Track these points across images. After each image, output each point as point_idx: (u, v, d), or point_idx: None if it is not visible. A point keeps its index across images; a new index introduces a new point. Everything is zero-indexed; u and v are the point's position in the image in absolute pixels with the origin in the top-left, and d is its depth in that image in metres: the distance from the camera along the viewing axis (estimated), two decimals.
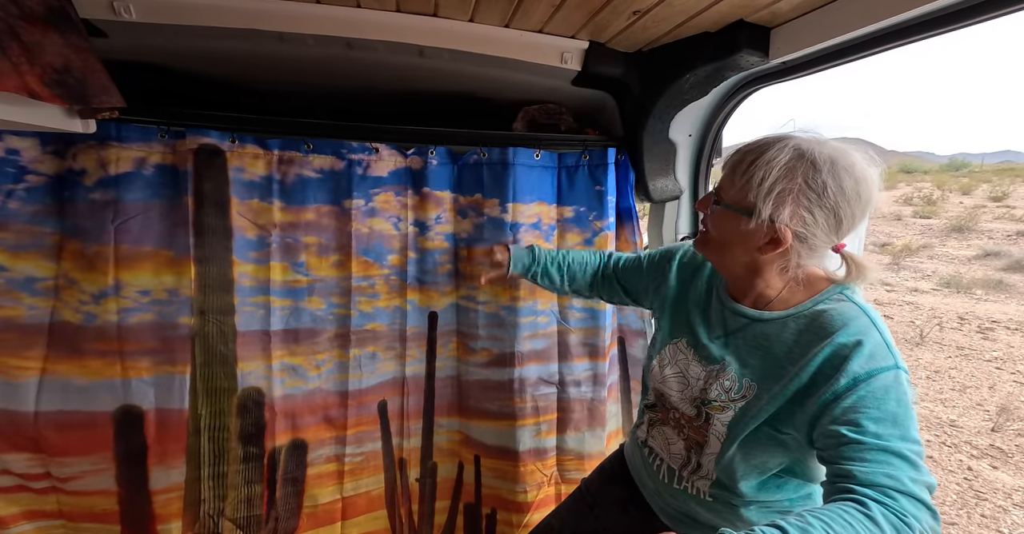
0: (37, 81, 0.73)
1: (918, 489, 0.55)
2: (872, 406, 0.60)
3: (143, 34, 1.02)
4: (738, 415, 0.73)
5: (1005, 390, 4.34)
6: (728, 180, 0.73)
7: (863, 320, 0.66)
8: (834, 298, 0.71)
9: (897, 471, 0.55)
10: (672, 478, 0.87)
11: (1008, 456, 3.37)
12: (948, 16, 0.78)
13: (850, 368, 0.62)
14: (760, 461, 0.74)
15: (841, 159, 0.66)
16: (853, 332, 0.65)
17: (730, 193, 0.72)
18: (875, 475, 0.55)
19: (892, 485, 0.54)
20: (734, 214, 0.71)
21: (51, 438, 1.07)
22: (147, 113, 1.08)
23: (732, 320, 0.80)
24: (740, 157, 0.72)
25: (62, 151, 1.05)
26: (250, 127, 1.17)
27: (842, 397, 0.61)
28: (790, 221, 0.67)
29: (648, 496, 0.96)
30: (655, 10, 0.99)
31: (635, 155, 1.40)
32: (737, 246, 0.73)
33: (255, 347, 1.21)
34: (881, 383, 0.61)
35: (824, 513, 0.52)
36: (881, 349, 0.64)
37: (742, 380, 0.75)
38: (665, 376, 0.88)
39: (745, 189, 0.69)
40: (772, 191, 0.66)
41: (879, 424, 0.59)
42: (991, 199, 12.60)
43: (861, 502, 0.53)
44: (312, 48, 1.10)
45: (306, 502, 1.30)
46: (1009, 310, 6.20)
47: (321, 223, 1.26)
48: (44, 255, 1.06)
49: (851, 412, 0.60)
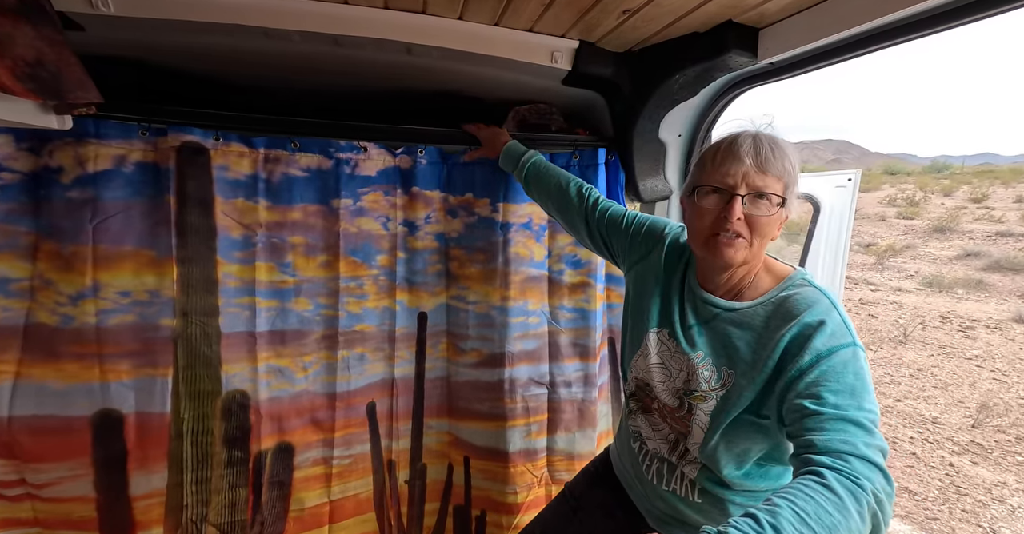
0: (8, 74, 0.70)
1: (871, 452, 0.58)
2: (832, 379, 0.64)
3: (122, 28, 0.99)
4: (719, 404, 0.76)
5: (985, 387, 4.44)
6: (766, 175, 0.72)
7: (825, 302, 0.71)
8: (797, 284, 0.76)
9: (852, 437, 0.59)
10: (661, 478, 0.87)
11: (988, 452, 3.45)
12: (933, 18, 0.79)
13: (813, 345, 0.67)
14: (742, 449, 0.76)
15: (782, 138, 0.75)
16: (816, 313, 0.70)
17: (777, 189, 0.73)
18: (832, 442, 0.59)
19: (847, 449, 0.58)
20: (777, 207, 0.74)
21: (25, 444, 1.04)
22: (127, 109, 1.05)
23: (704, 310, 0.82)
24: (765, 152, 0.72)
25: (37, 148, 1.02)
26: (235, 125, 1.15)
27: (806, 372, 0.66)
28: (792, 201, 0.75)
29: (635, 499, 0.96)
30: (644, 9, 0.99)
31: (625, 155, 1.40)
32: (766, 236, 0.76)
33: (240, 349, 1.19)
34: (840, 358, 0.66)
35: (787, 491, 0.55)
36: (840, 328, 0.68)
37: (720, 369, 0.77)
38: (649, 365, 0.87)
39: (783, 181, 0.73)
40: (797, 180, 0.74)
41: (838, 396, 0.63)
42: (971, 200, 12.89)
43: (818, 473, 0.56)
44: (298, 44, 1.08)
45: (293, 506, 1.28)
46: (989, 309, 6.35)
47: (308, 223, 1.24)
48: (19, 255, 1.02)
49: (813, 386, 0.64)
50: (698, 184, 0.77)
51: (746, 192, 0.72)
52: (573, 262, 1.44)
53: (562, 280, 1.44)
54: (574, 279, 1.45)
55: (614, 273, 1.51)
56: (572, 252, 1.44)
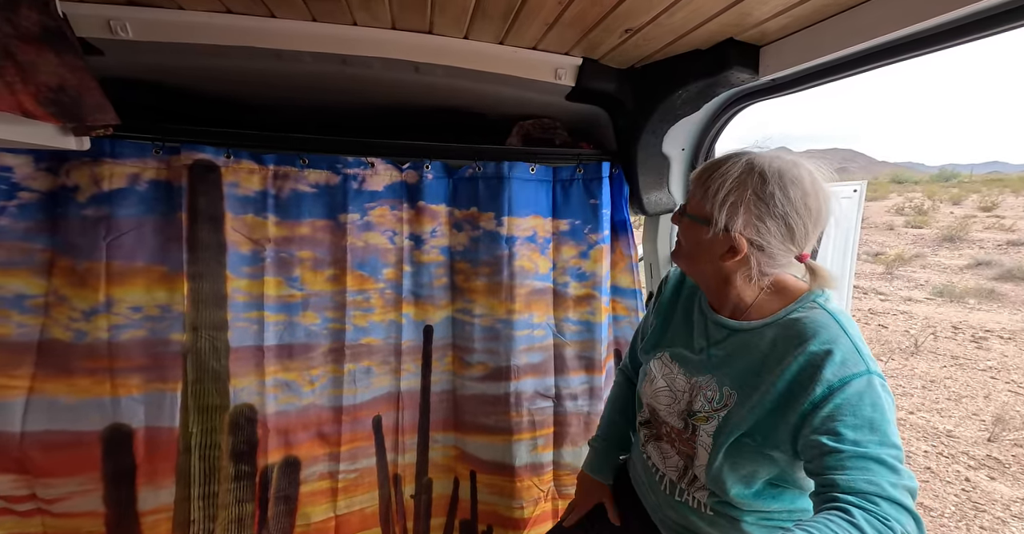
0: (31, 100, 0.73)
1: (899, 494, 0.56)
2: (848, 413, 0.61)
3: (139, 52, 1.02)
4: (721, 424, 0.75)
5: (1000, 400, 4.35)
6: (691, 192, 0.79)
7: (834, 328, 0.68)
8: (807, 306, 0.73)
9: (877, 477, 0.57)
10: (674, 490, 0.87)
11: (1005, 467, 3.36)
12: (932, 37, 0.80)
13: (824, 376, 0.64)
14: (749, 471, 0.74)
15: (789, 171, 0.70)
16: (824, 340, 0.67)
17: (693, 204, 0.77)
18: (856, 482, 0.56)
19: (874, 491, 0.55)
20: (697, 224, 0.76)
21: (37, 459, 1.05)
22: (142, 129, 1.09)
23: (714, 331, 0.82)
24: (701, 170, 0.77)
25: (55, 168, 1.05)
26: (245, 142, 1.18)
27: (819, 406, 0.63)
28: (744, 229, 0.71)
29: (650, 509, 0.95)
30: (646, 29, 1.00)
31: (629, 169, 1.41)
32: (703, 255, 0.77)
33: (248, 363, 1.20)
34: (855, 389, 0.62)
35: (810, 524, 0.53)
36: (852, 356, 0.65)
37: (723, 389, 0.76)
38: (655, 390, 0.88)
39: (704, 200, 0.74)
40: (726, 202, 0.71)
41: (857, 431, 0.60)
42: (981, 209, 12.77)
43: (845, 510, 0.54)
44: (308, 65, 1.11)
45: (299, 521, 1.28)
46: (1002, 319, 6.25)
47: (316, 237, 1.26)
48: (35, 272, 1.05)
49: (829, 421, 0.61)
50: None
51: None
52: (578, 274, 1.45)
53: (567, 292, 1.44)
54: (579, 291, 1.45)
55: (619, 285, 1.52)
56: (576, 265, 1.45)
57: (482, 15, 0.99)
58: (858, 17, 0.85)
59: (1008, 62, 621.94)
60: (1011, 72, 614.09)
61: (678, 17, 0.94)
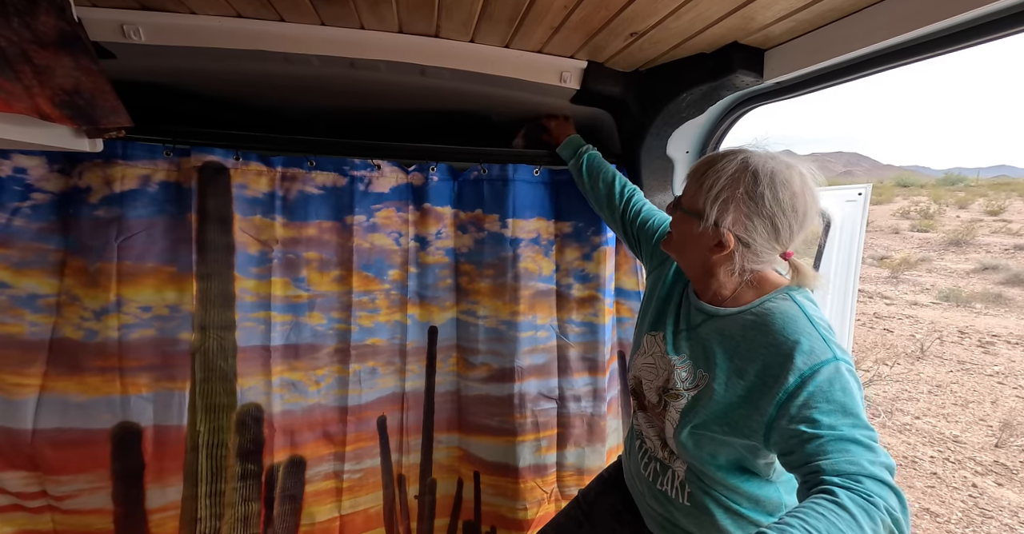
0: (48, 103, 0.75)
1: (879, 471, 0.59)
2: (821, 400, 0.64)
3: (151, 55, 1.04)
4: (690, 403, 0.79)
5: (1008, 405, 4.32)
6: (687, 186, 0.81)
7: (801, 320, 0.71)
8: (779, 298, 0.76)
9: (856, 457, 0.60)
10: (656, 474, 0.90)
11: (1013, 473, 3.33)
12: (936, 41, 0.80)
13: (795, 366, 0.67)
14: (709, 452, 0.78)
15: (781, 173, 0.72)
16: (792, 331, 0.70)
17: (686, 198, 0.80)
18: (839, 464, 0.59)
19: (855, 470, 0.58)
20: (689, 217, 0.79)
21: (48, 456, 1.06)
22: (153, 131, 1.10)
23: (695, 315, 0.86)
24: (697, 166, 0.80)
25: (68, 169, 1.07)
26: (254, 145, 1.19)
27: (793, 395, 0.66)
28: (732, 226, 0.74)
29: (637, 500, 0.99)
30: (651, 32, 1.01)
31: (633, 171, 1.42)
32: (691, 247, 0.80)
33: (255, 363, 1.21)
34: (825, 376, 0.66)
35: (799, 510, 0.55)
36: (819, 344, 0.68)
37: (696, 371, 0.81)
38: (643, 364, 0.93)
39: (697, 195, 0.77)
40: (718, 198, 0.74)
41: (831, 416, 0.63)
42: (987, 213, 12.68)
43: (829, 491, 0.57)
44: (317, 68, 1.12)
45: (304, 520, 1.28)
46: (1009, 324, 6.20)
47: (323, 239, 1.27)
48: (47, 272, 1.07)
49: (804, 409, 0.64)
50: None
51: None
52: (581, 276, 1.45)
53: (571, 294, 1.45)
54: (582, 293, 1.46)
55: (623, 287, 1.52)
56: (580, 267, 1.45)
57: (488, 19, 1.00)
58: (862, 21, 0.86)
59: (1015, 66, 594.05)
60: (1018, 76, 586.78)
61: (683, 21, 0.95)
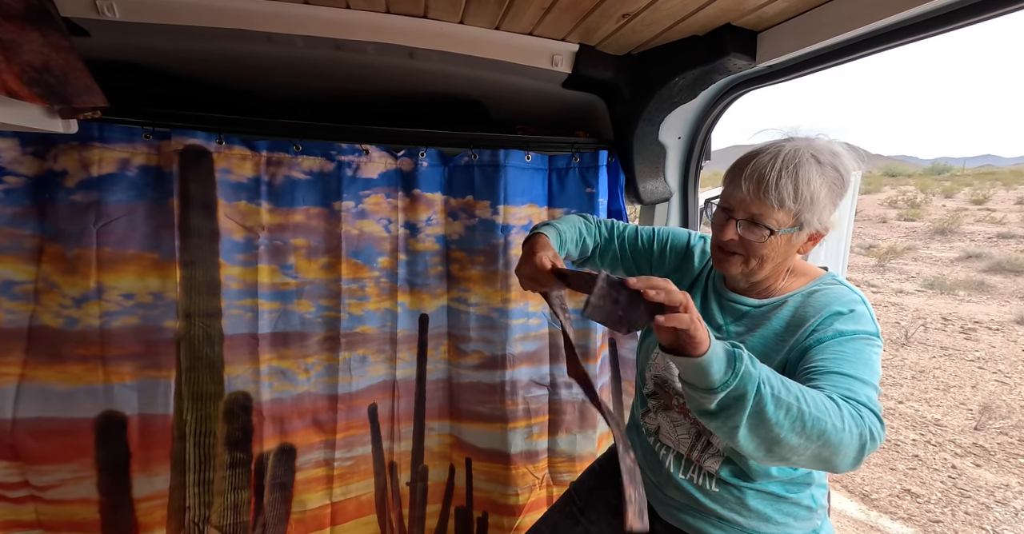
0: (15, 80, 0.71)
1: (873, 405, 0.64)
2: (850, 352, 0.69)
3: (127, 33, 1.00)
4: None
5: (987, 389, 4.43)
6: (763, 204, 0.73)
7: (855, 297, 0.76)
8: (828, 282, 0.80)
9: (857, 391, 0.65)
10: (679, 467, 0.88)
11: (991, 454, 3.43)
12: (930, 21, 0.80)
13: (837, 326, 0.71)
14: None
15: (842, 153, 0.75)
16: (847, 302, 0.74)
17: (776, 217, 0.73)
18: (838, 390, 0.65)
19: (851, 396, 0.64)
20: (786, 235, 0.75)
21: (29, 446, 1.04)
22: (131, 113, 1.06)
23: (731, 308, 0.86)
24: (769, 179, 0.72)
25: (42, 152, 1.03)
26: (237, 128, 1.16)
27: (825, 343, 0.70)
28: (829, 218, 0.76)
29: (647, 491, 0.96)
30: (643, 14, 0.99)
31: (625, 157, 1.41)
32: (782, 256, 0.79)
33: (242, 351, 1.20)
34: (861, 342, 0.70)
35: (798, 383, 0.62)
36: (866, 318, 0.73)
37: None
38: (669, 363, 0.90)
39: (791, 209, 0.73)
40: (815, 203, 0.73)
41: (850, 365, 0.68)
42: (972, 202, 12.86)
43: (829, 395, 0.63)
44: (301, 49, 1.09)
45: (294, 508, 1.28)
46: (991, 311, 6.33)
47: (310, 225, 1.24)
48: (23, 258, 1.03)
49: (828, 352, 0.69)
50: (719, 197, 0.82)
51: (742, 216, 0.76)
52: (572, 263, 1.45)
53: None
54: None
55: None
56: None
57: None
58: (856, 1, 0.85)
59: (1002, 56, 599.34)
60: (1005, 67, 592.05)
61: (676, 1, 0.93)
